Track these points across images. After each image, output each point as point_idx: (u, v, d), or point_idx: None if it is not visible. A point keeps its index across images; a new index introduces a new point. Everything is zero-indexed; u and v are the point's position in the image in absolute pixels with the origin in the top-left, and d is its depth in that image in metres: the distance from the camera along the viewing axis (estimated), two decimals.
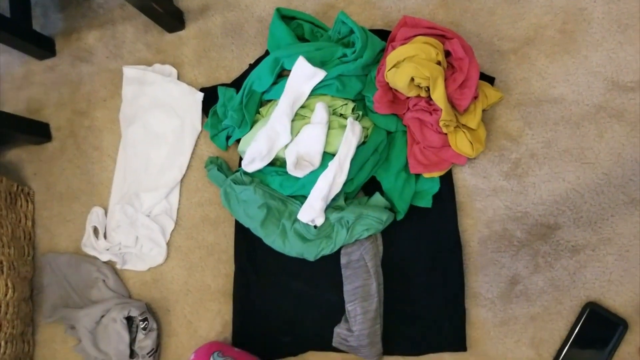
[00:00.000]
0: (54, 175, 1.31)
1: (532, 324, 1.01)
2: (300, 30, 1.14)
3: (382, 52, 1.07)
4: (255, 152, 1.06)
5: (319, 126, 1.03)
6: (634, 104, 1.02)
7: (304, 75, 1.04)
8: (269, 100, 1.13)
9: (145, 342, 1.12)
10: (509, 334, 1.02)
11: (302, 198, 1.09)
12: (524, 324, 1.01)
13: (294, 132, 1.05)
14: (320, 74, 1.03)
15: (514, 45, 1.10)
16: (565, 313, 1.00)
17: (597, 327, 0.97)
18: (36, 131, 1.31)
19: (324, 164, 1.03)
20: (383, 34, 1.10)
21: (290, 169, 1.03)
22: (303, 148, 1.03)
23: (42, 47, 1.35)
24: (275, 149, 1.06)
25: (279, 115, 1.05)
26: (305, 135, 1.04)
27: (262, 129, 1.06)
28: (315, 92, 1.06)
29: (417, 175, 1.06)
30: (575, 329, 0.98)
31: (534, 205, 1.04)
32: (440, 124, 1.00)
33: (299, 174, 1.03)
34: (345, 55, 1.05)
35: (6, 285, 1.12)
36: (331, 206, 1.05)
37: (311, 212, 1.03)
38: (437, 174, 1.06)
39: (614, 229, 1.00)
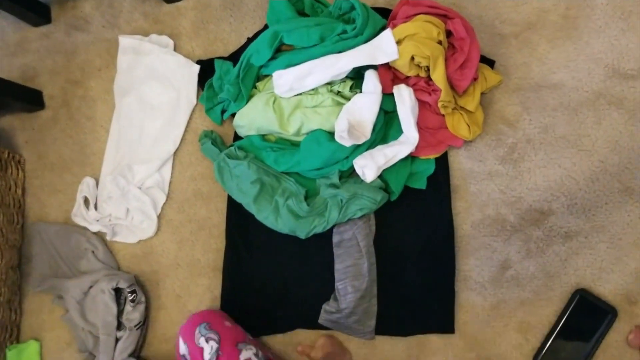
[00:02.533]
0: (45, 144, 1.30)
1: (522, 309, 1.01)
2: (300, 4, 1.12)
3: (383, 30, 1.06)
4: (295, 74, 1.04)
5: (372, 95, 0.99)
6: (633, 92, 1.02)
7: (381, 49, 1.00)
8: (267, 75, 1.11)
9: (133, 315, 1.11)
10: (497, 318, 1.02)
11: (296, 175, 1.08)
12: (513, 308, 1.01)
13: (293, 108, 1.05)
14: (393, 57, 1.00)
15: (515, 29, 1.08)
16: (555, 299, 1.00)
17: (586, 314, 0.97)
18: (29, 99, 1.29)
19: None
20: (384, 12, 1.09)
21: (339, 136, 0.99)
22: (355, 117, 1.00)
23: (37, 13, 1.32)
24: (302, 87, 1.05)
25: (326, 62, 1.01)
26: (356, 104, 1.00)
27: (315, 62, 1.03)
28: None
29: (413, 157, 1.05)
30: (564, 316, 0.98)
31: (529, 190, 1.03)
32: (439, 104, 0.99)
33: (348, 142, 0.99)
34: (345, 32, 1.03)
35: None
36: (325, 183, 1.04)
37: (370, 161, 0.99)
38: (433, 156, 1.05)
39: (607, 216, 1.00)
